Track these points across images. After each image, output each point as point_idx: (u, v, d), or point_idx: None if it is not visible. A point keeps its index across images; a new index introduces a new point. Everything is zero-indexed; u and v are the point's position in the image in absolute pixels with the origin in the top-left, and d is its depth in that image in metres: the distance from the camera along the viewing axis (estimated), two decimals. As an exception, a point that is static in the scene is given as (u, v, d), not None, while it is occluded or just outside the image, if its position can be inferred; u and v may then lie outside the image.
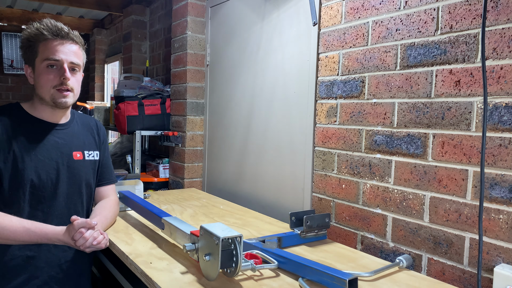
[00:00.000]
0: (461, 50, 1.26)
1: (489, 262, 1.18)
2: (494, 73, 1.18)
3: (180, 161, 2.70)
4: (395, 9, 1.45)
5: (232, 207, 2.08)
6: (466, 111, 1.24)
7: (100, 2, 3.92)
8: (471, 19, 1.23)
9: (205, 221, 1.76)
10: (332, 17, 1.69)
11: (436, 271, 1.31)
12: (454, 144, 1.27)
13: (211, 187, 2.62)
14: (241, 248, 1.09)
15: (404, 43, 1.42)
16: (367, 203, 1.55)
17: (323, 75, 1.73)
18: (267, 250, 1.29)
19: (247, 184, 2.27)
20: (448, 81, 1.29)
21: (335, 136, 1.68)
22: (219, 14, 2.53)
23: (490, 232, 1.18)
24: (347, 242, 1.61)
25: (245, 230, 1.65)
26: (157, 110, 2.88)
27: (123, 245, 1.42)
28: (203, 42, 2.65)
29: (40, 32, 1.36)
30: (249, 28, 2.24)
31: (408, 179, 1.40)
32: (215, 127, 2.58)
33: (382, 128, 1.49)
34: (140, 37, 3.73)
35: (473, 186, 1.23)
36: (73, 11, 4.67)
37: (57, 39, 1.36)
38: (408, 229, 1.40)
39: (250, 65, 2.24)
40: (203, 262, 1.16)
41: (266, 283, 1.16)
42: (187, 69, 2.61)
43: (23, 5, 4.46)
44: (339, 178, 1.66)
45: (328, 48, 1.70)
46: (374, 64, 1.52)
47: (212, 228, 1.14)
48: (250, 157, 2.24)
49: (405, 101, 1.41)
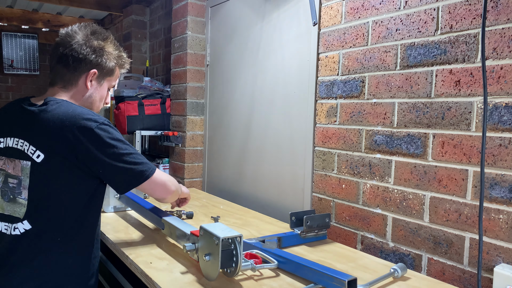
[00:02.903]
0: (461, 50, 1.26)
1: (489, 262, 1.18)
2: (494, 73, 1.18)
3: (180, 161, 2.70)
4: (395, 9, 1.45)
5: (232, 207, 2.08)
6: (466, 111, 1.24)
7: (100, 2, 3.92)
8: (471, 19, 1.23)
9: (205, 221, 1.76)
10: (332, 17, 1.68)
11: (436, 271, 1.31)
12: (454, 144, 1.27)
13: (211, 187, 2.62)
14: (241, 248, 1.09)
15: (404, 43, 1.41)
16: (367, 203, 1.55)
17: (323, 75, 1.73)
18: (267, 250, 1.29)
19: (247, 184, 2.27)
20: (448, 81, 1.29)
21: (335, 136, 1.68)
22: (219, 14, 2.53)
23: (490, 232, 1.18)
24: (347, 242, 1.61)
25: (245, 230, 1.65)
26: (157, 110, 2.88)
27: (123, 245, 1.42)
28: (203, 42, 2.65)
29: (127, 63, 1.44)
30: (249, 28, 2.24)
31: (408, 179, 1.40)
32: (215, 127, 2.58)
33: (382, 128, 1.49)
34: (140, 37, 3.73)
35: (473, 186, 1.23)
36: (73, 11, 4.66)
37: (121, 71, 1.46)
38: (408, 229, 1.40)
39: (250, 65, 2.24)
40: (203, 262, 1.16)
41: (266, 283, 1.16)
42: (187, 69, 2.61)
43: (23, 5, 4.46)
44: (339, 178, 1.66)
45: (328, 48, 1.70)
46: (374, 64, 1.52)
47: (212, 228, 1.14)
48: (250, 157, 2.24)
49: (405, 101, 1.41)
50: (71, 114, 1.17)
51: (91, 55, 1.29)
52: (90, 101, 1.34)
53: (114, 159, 1.17)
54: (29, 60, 5.94)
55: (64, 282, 1.21)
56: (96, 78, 1.33)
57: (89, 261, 1.27)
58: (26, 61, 5.92)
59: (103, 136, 1.16)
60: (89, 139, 1.15)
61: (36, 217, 1.18)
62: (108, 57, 1.33)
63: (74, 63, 1.28)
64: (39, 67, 6.06)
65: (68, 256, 1.21)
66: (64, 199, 1.18)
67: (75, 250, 1.23)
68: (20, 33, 5.78)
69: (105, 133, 1.17)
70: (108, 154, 1.16)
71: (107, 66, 1.34)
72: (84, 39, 1.29)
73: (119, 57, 1.39)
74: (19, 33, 5.77)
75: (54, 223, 1.18)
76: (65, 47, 1.27)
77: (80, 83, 1.30)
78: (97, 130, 1.16)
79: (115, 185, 1.24)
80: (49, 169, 1.17)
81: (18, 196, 1.19)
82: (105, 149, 1.16)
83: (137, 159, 1.22)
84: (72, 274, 1.22)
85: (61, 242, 1.19)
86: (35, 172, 1.17)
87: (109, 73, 1.36)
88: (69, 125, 1.15)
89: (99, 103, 1.38)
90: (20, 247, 1.17)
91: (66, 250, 1.20)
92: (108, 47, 1.35)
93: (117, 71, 1.41)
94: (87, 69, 1.30)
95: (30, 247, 1.17)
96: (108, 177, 1.22)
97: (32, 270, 1.17)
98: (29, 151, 1.18)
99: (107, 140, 1.16)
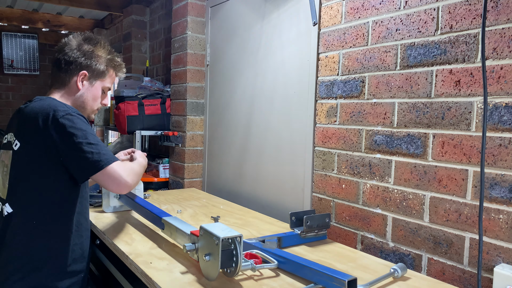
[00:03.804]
0: (461, 50, 1.26)
1: (489, 262, 1.18)
2: (494, 73, 1.18)
3: (180, 161, 2.70)
4: (395, 9, 1.45)
5: (232, 207, 2.08)
6: (466, 111, 1.24)
7: (100, 2, 3.92)
8: (471, 19, 1.23)
9: (205, 221, 1.76)
10: (332, 17, 1.68)
11: (436, 271, 1.31)
12: (454, 144, 1.27)
13: (211, 187, 2.62)
14: (241, 248, 1.09)
15: (404, 43, 1.41)
16: (367, 203, 1.55)
17: (323, 75, 1.73)
18: (267, 250, 1.29)
19: (247, 184, 2.27)
20: (448, 81, 1.29)
21: (335, 136, 1.68)
22: (219, 14, 2.53)
23: (490, 232, 1.18)
24: (347, 242, 1.61)
25: (245, 230, 1.65)
26: (157, 110, 2.88)
27: (123, 245, 1.42)
28: (203, 42, 2.65)
29: (120, 66, 1.57)
30: (249, 28, 2.24)
31: (408, 179, 1.40)
32: (215, 127, 2.58)
33: (382, 128, 1.49)
34: (140, 37, 3.73)
35: (473, 186, 1.23)
36: (73, 11, 4.67)
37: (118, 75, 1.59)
38: (408, 229, 1.40)
39: (250, 65, 2.24)
40: (203, 262, 1.16)
41: (266, 283, 1.16)
42: (187, 69, 2.61)
43: (23, 5, 4.46)
44: (339, 178, 1.66)
45: (328, 48, 1.70)
46: (374, 64, 1.52)
47: (212, 228, 1.14)
48: (250, 157, 2.24)
49: (405, 101, 1.41)
50: (45, 107, 1.29)
51: (81, 58, 1.44)
52: (81, 100, 1.46)
53: (73, 147, 1.25)
54: (29, 60, 5.95)
55: (41, 265, 1.29)
56: (88, 79, 1.46)
57: (67, 247, 1.34)
58: (26, 61, 5.93)
59: (66, 125, 1.24)
60: (54, 128, 1.25)
61: (15, 201, 1.31)
62: (97, 60, 1.47)
63: (66, 66, 1.43)
64: (39, 67, 6.07)
65: (46, 240, 1.30)
66: (39, 185, 1.29)
67: (53, 235, 1.31)
68: (20, 33, 5.78)
69: (69, 122, 1.25)
70: (68, 143, 1.25)
71: (97, 68, 1.47)
72: (77, 45, 1.46)
73: (111, 60, 1.52)
74: (19, 33, 5.77)
75: (31, 207, 1.30)
76: (60, 52, 1.45)
77: (72, 84, 1.44)
78: (62, 120, 1.25)
79: (74, 172, 1.30)
80: (23, 156, 1.30)
81: (6, 182, 1.34)
82: (66, 138, 1.24)
83: (95, 149, 1.26)
84: (49, 258, 1.31)
85: (38, 226, 1.29)
86: (13, 159, 1.32)
87: (100, 75, 1.49)
88: (41, 115, 1.27)
89: (92, 103, 1.49)
90: (7, 228, 1.31)
91: (43, 235, 1.30)
92: (98, 51, 1.49)
93: (111, 74, 1.53)
94: (77, 71, 1.44)
95: (13, 228, 1.30)
96: (67, 164, 1.28)
97: (14, 251, 1.30)
98: (12, 140, 1.34)
99: (69, 129, 1.24)
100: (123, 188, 1.31)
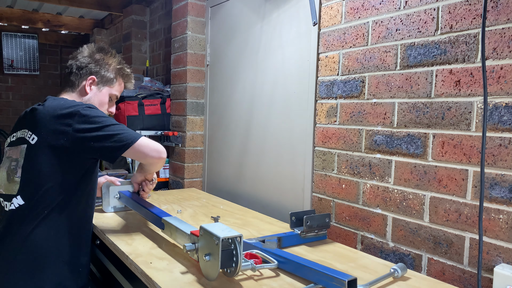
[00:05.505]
0: (461, 50, 1.26)
1: (489, 262, 1.18)
2: (494, 73, 1.18)
3: (180, 161, 2.70)
4: (395, 9, 1.45)
5: (232, 207, 2.08)
6: (466, 111, 1.24)
7: (100, 2, 3.92)
8: (471, 19, 1.23)
9: (205, 221, 1.76)
10: (332, 17, 1.68)
11: (436, 271, 1.31)
12: (454, 144, 1.27)
13: (211, 187, 2.62)
14: (241, 248, 1.09)
15: (404, 43, 1.42)
16: (367, 203, 1.55)
17: (323, 75, 1.73)
18: (267, 250, 1.29)
19: (247, 184, 2.27)
20: (448, 81, 1.29)
21: (335, 136, 1.68)
22: (219, 14, 2.53)
23: (490, 232, 1.18)
24: (347, 242, 1.61)
25: (245, 230, 1.65)
26: (157, 110, 2.88)
27: (123, 245, 1.42)
28: (203, 42, 2.65)
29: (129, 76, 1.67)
30: (249, 28, 2.24)
31: (408, 179, 1.40)
32: (215, 127, 2.58)
33: (382, 128, 1.49)
34: (140, 37, 3.73)
35: (473, 186, 1.23)
36: (73, 11, 4.67)
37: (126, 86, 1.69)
38: (408, 229, 1.40)
39: (250, 65, 2.24)
40: (203, 262, 1.16)
41: (266, 283, 1.16)
42: (187, 69, 2.61)
43: (23, 5, 4.46)
44: (339, 178, 1.66)
45: (328, 48, 1.70)
46: (374, 64, 1.52)
47: (212, 228, 1.14)
48: (250, 157, 2.24)
49: (405, 101, 1.41)
50: (62, 103, 1.39)
51: (92, 64, 1.56)
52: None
53: (103, 129, 1.34)
54: (29, 60, 5.95)
55: (47, 256, 1.35)
56: (96, 84, 1.57)
57: (78, 239, 1.43)
58: (26, 61, 5.93)
59: (89, 115, 1.35)
60: (78, 119, 1.34)
61: (27, 193, 1.36)
62: (107, 68, 1.59)
63: (77, 70, 1.55)
64: (39, 67, 6.07)
65: (54, 232, 1.36)
66: (53, 178, 1.35)
67: (61, 227, 1.38)
68: (20, 33, 5.78)
69: (92, 112, 1.36)
70: (97, 128, 1.34)
71: (106, 75, 1.58)
72: (89, 53, 1.58)
73: (120, 70, 1.62)
74: (19, 33, 5.77)
75: (43, 200, 1.35)
76: (73, 59, 1.58)
77: (81, 87, 1.55)
78: (83, 111, 1.35)
79: (103, 155, 1.39)
80: (40, 149, 1.35)
81: (14, 175, 1.39)
82: (94, 124, 1.34)
83: (123, 129, 1.38)
84: (57, 249, 1.37)
85: (48, 219, 1.35)
86: (29, 152, 1.37)
87: (108, 82, 1.59)
88: (62, 110, 1.36)
89: (99, 108, 1.53)
90: (14, 220, 1.35)
91: (52, 226, 1.36)
92: (109, 60, 1.60)
93: (120, 82, 1.64)
94: (87, 75, 1.55)
95: (22, 221, 1.34)
96: (96, 149, 1.36)
97: (22, 243, 1.34)
98: (28, 136, 1.39)
99: (93, 118, 1.35)
100: (162, 151, 1.45)
